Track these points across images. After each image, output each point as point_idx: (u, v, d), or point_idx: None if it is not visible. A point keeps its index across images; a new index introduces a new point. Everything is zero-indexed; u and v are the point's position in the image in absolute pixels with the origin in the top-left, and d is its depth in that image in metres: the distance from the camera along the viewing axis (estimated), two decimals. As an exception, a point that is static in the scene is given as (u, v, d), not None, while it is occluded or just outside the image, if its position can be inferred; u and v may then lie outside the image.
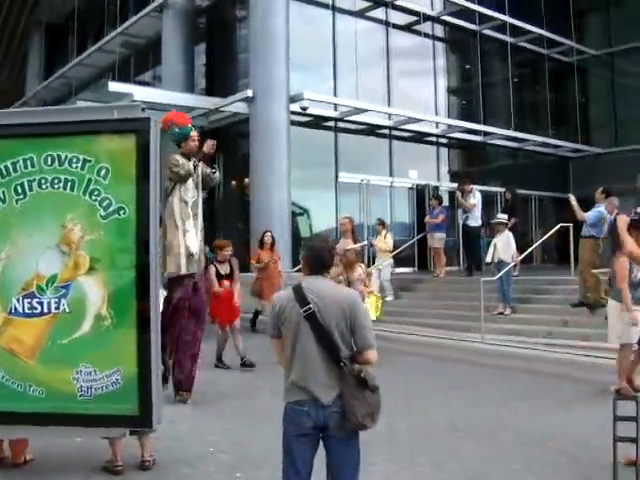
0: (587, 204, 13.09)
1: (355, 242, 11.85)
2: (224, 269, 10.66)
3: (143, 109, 5.57)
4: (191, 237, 8.03)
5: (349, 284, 9.91)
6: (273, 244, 14.22)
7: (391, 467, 5.77)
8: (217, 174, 8.57)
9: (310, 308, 3.86)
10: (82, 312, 5.32)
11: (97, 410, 5.25)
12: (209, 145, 8.23)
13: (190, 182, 8.12)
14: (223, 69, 21.72)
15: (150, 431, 5.54)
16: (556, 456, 5.98)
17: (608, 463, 4.92)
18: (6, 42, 34.12)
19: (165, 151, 7.49)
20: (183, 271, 7.99)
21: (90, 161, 5.31)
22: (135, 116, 5.45)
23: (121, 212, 5.32)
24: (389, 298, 15.40)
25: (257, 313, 14.12)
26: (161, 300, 11.58)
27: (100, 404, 5.24)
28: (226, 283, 10.46)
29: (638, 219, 7.19)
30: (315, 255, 4.11)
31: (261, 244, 14.03)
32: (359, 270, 10.45)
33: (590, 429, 6.62)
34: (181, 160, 7.99)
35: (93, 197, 5.31)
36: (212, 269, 10.55)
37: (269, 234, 14.14)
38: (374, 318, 10.55)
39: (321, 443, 3.92)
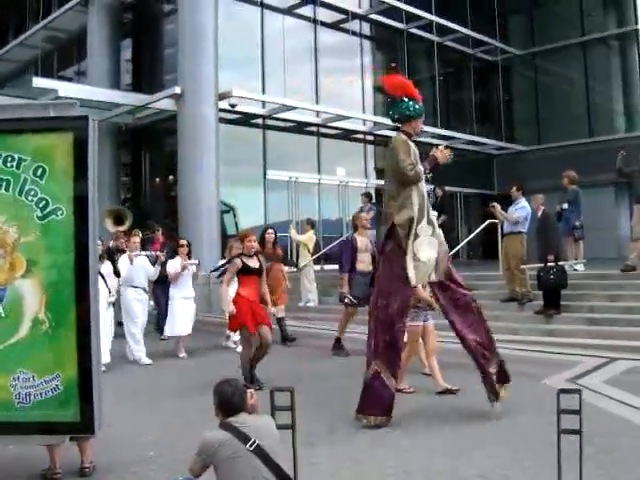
0: (510, 200, 13.41)
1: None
2: (253, 263, 9.09)
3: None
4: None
5: None
6: (275, 242, 12.51)
7: (334, 461, 5.79)
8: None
9: (255, 441, 3.92)
10: (19, 316, 5.15)
11: (36, 417, 5.09)
12: (446, 154, 7.13)
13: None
14: (150, 65, 21.46)
15: (90, 437, 5.42)
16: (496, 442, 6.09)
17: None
18: None
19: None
20: (413, 283, 6.86)
21: (25, 160, 5.14)
22: (72, 114, 5.31)
23: (58, 213, 5.16)
24: (311, 304, 15.17)
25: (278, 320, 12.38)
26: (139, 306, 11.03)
27: (40, 411, 5.09)
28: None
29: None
30: (227, 401, 4.15)
31: (262, 242, 11.97)
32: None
33: (520, 419, 6.78)
34: (412, 150, 6.82)
35: (29, 197, 5.14)
36: (237, 262, 9.01)
37: (271, 231, 12.52)
38: None
39: None
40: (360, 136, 22.94)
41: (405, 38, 23.73)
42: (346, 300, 11.12)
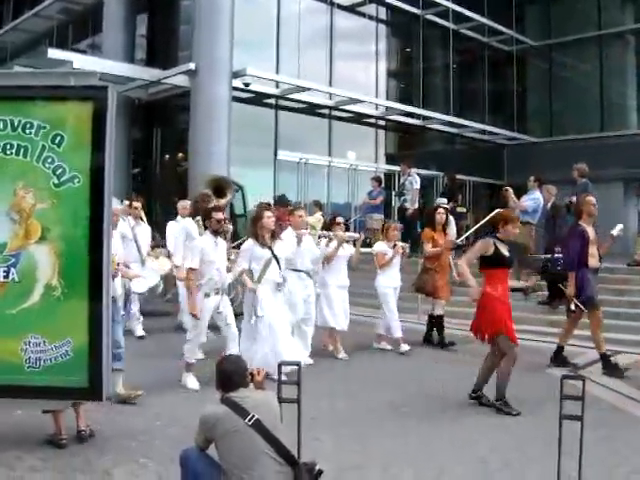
0: (520, 191, 13.40)
1: None
2: (505, 250, 7.20)
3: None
4: None
5: None
6: (446, 224, 10.73)
7: (336, 442, 5.85)
8: None
9: (254, 416, 3.96)
10: (32, 282, 5.21)
11: (46, 382, 5.17)
12: None
13: None
14: (165, 41, 21.32)
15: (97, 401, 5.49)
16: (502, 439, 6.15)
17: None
18: None
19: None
20: None
21: (45, 127, 5.19)
22: (93, 84, 5.34)
23: (75, 181, 5.21)
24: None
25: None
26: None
27: (49, 376, 5.17)
28: None
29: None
30: (227, 377, 4.20)
31: (432, 223, 10.35)
32: None
33: (522, 406, 6.84)
34: None
35: (47, 164, 5.19)
36: (489, 244, 7.08)
37: (442, 210, 10.62)
38: None
39: None
40: (372, 120, 22.84)
41: (421, 24, 23.58)
42: (572, 306, 9.15)
